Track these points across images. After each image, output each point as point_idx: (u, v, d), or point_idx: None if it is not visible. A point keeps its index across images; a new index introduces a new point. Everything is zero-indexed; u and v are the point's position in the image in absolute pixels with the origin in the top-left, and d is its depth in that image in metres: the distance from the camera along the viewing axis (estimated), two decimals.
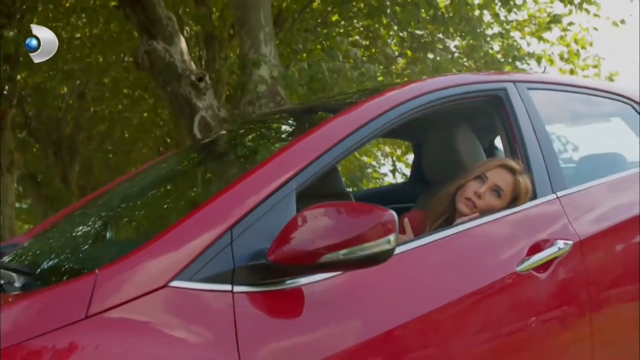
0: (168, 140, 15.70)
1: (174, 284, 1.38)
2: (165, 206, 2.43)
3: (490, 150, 3.05)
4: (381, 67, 7.78)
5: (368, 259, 1.41)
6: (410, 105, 1.94)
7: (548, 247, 1.94)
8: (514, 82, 2.27)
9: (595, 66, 9.36)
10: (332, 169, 1.90)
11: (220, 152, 2.62)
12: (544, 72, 3.35)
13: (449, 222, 2.08)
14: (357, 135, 1.77)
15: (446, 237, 1.84)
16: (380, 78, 7.49)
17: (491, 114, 2.24)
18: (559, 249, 1.95)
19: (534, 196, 2.07)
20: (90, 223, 2.34)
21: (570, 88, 2.59)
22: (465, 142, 2.37)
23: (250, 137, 2.64)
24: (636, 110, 2.67)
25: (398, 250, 1.52)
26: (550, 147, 2.21)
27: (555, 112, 2.56)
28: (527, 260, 1.89)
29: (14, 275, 1.60)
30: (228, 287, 1.43)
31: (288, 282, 1.50)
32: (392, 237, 1.40)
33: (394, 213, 1.43)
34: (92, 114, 15.35)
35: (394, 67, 8.88)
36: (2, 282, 1.56)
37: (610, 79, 9.44)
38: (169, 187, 2.58)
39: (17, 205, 14.36)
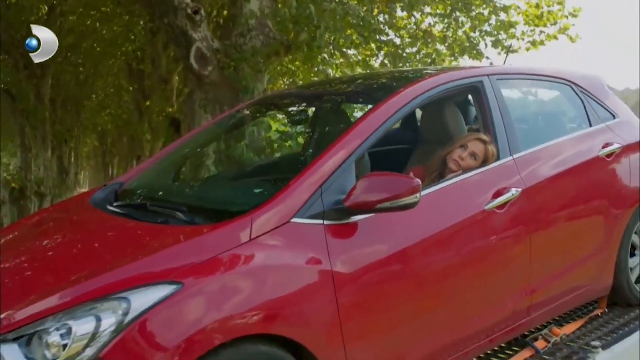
0: (139, 54, 16.24)
1: (293, 220, 2.50)
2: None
3: (465, 104, 4.16)
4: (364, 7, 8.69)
5: (404, 207, 2.55)
6: (422, 97, 3.06)
7: (505, 193, 3.11)
8: (488, 75, 3.39)
9: (559, 2, 10.44)
10: None
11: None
12: (506, 55, 4.42)
13: (441, 176, 3.22)
14: (388, 122, 2.88)
15: (442, 187, 3.00)
16: (362, 15, 8.42)
17: (471, 99, 3.36)
18: (512, 194, 3.12)
19: (498, 158, 3.22)
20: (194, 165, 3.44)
21: (527, 76, 3.74)
22: (452, 116, 3.49)
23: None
24: (573, 90, 3.83)
25: None
26: (510, 122, 3.35)
27: (516, 93, 3.69)
28: (492, 202, 3.06)
29: (179, 212, 2.69)
30: (321, 221, 2.55)
31: (352, 218, 2.63)
32: (418, 194, 2.54)
33: (419, 180, 2.55)
34: (59, 26, 15.68)
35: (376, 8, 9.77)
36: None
37: (574, 15, 10.59)
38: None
39: None
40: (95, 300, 2.16)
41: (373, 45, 11.31)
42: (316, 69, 9.11)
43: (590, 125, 3.80)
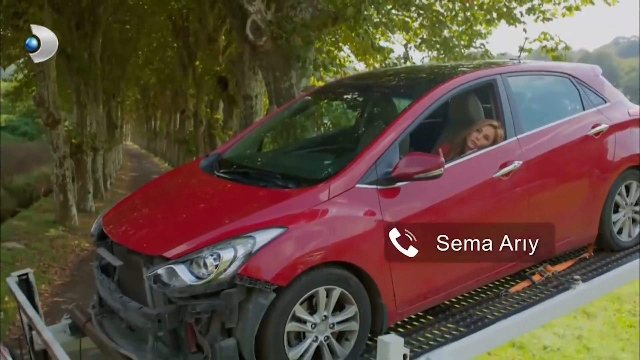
0: (184, 11, 17.53)
1: (357, 186, 3.89)
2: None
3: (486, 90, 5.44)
4: None
5: (433, 177, 3.91)
6: (453, 92, 4.40)
7: (510, 165, 4.44)
8: (500, 74, 4.69)
9: None
10: None
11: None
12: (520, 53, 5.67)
13: (462, 152, 4.54)
14: (426, 112, 4.21)
15: (462, 161, 4.34)
16: None
17: (487, 93, 4.69)
18: (515, 166, 4.46)
19: (505, 138, 4.54)
20: (272, 141, 4.85)
21: (532, 72, 5.03)
22: (473, 106, 4.79)
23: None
24: (572, 82, 5.11)
25: None
26: (516, 110, 4.65)
27: (523, 87, 4.98)
28: (499, 171, 4.40)
29: (277, 179, 4.09)
30: (375, 186, 3.93)
31: (396, 184, 4.00)
32: (442, 168, 3.89)
33: (443, 159, 3.90)
34: None
35: None
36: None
37: None
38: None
39: None
40: (233, 237, 3.58)
41: (412, 8, 12.49)
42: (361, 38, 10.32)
43: (584, 110, 5.08)
